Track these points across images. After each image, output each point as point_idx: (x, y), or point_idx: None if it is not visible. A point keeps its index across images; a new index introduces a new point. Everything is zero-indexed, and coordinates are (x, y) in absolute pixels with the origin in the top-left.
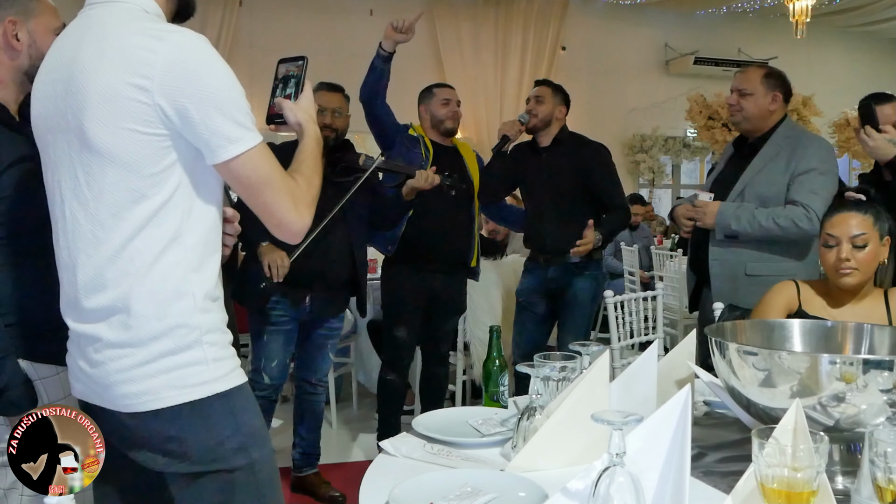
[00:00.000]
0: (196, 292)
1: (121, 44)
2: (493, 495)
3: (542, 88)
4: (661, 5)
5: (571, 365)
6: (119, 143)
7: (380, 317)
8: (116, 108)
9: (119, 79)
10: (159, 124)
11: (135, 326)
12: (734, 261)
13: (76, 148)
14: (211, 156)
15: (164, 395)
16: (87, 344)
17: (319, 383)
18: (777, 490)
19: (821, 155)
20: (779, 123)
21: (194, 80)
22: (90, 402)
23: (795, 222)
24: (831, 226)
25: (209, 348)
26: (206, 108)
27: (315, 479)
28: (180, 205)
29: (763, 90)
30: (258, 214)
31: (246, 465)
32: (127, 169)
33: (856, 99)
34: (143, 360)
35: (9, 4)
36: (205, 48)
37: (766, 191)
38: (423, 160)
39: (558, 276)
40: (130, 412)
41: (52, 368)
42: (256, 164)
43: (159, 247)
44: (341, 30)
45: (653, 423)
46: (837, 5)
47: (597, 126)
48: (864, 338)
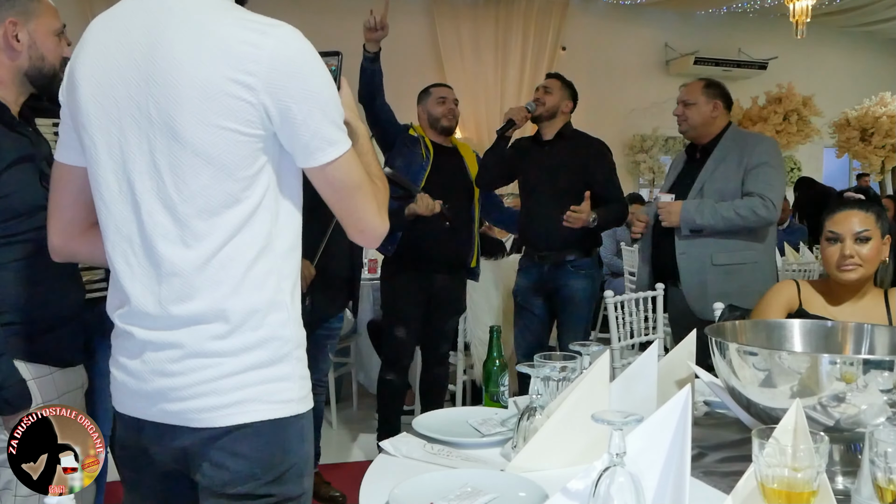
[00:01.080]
0: (289, 302)
1: (220, 36)
2: (493, 495)
3: (552, 80)
4: (661, 5)
5: (571, 365)
6: (216, 143)
7: (380, 317)
8: (216, 105)
9: (220, 74)
10: (259, 125)
11: (226, 336)
12: (700, 253)
13: (161, 146)
14: (307, 158)
15: (249, 410)
16: (162, 352)
17: (319, 383)
18: (777, 490)
19: (770, 150)
20: (724, 130)
21: (300, 78)
22: (145, 419)
23: (754, 210)
24: (833, 223)
25: (297, 364)
26: (311, 108)
27: (315, 479)
28: (269, 209)
29: (704, 99)
30: (342, 219)
31: (299, 495)
32: (223, 171)
33: (856, 99)
34: (231, 370)
35: (9, 5)
36: (307, 45)
37: (724, 186)
38: (423, 160)
39: (554, 274)
40: (203, 427)
41: (46, 368)
42: (350, 167)
43: (252, 254)
44: (341, 30)
45: (653, 423)
46: (837, 5)
47: (597, 126)
48: (865, 338)
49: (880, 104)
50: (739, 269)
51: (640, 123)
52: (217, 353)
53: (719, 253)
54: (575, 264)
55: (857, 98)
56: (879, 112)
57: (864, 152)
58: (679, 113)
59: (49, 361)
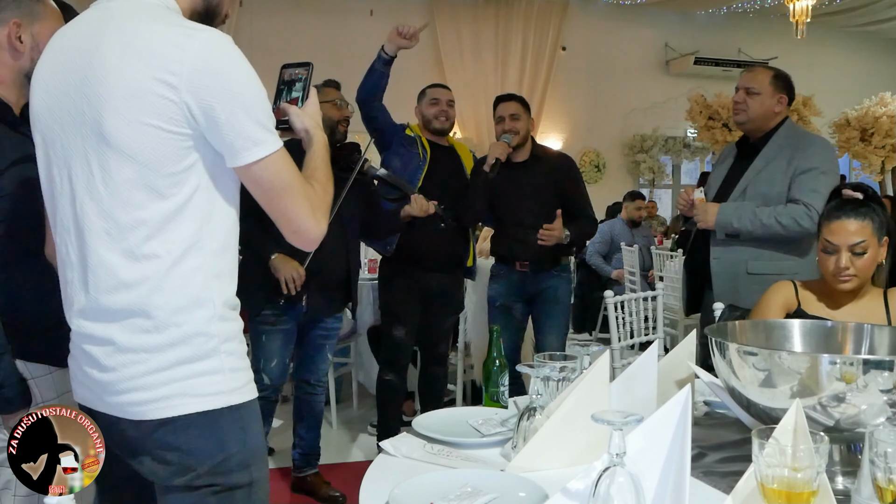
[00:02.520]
0: (216, 299)
1: (148, 38)
2: (494, 495)
3: (514, 105)
4: (661, 5)
5: (571, 365)
6: (140, 139)
7: (379, 320)
8: (140, 103)
9: (145, 74)
10: (183, 123)
11: (152, 331)
12: (735, 259)
13: (92, 142)
14: (233, 158)
15: (176, 403)
16: (96, 346)
17: (318, 383)
18: (777, 490)
19: (822, 154)
20: (779, 125)
21: (223, 79)
22: (93, 409)
23: (797, 220)
24: (830, 232)
25: (227, 358)
26: (233, 108)
27: (315, 479)
28: (199, 208)
29: (771, 91)
30: (275, 220)
31: (246, 484)
32: (146, 166)
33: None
34: (157, 366)
35: (14, 6)
36: (233, 48)
37: (768, 190)
38: (420, 160)
39: (535, 278)
40: (138, 419)
41: (44, 368)
42: (279, 168)
43: (179, 250)
44: (341, 30)
45: (653, 423)
46: (837, 5)
47: (597, 126)
48: (865, 338)
49: (880, 104)
50: (776, 280)
51: (640, 123)
52: (144, 348)
53: (755, 261)
54: (556, 268)
55: (857, 98)
56: (879, 112)
57: (865, 152)
58: (740, 100)
59: (48, 361)
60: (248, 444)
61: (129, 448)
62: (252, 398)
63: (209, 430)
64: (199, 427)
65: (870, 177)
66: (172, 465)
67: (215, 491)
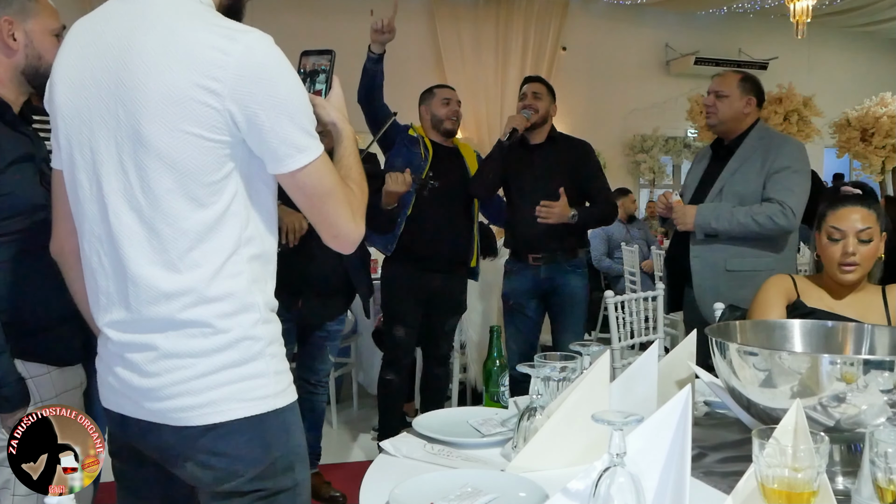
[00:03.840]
0: (259, 303)
1: (188, 41)
2: (494, 495)
3: (539, 85)
4: (661, 5)
5: (571, 365)
6: (180, 148)
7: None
8: (181, 110)
9: (187, 79)
10: (225, 131)
11: (198, 336)
12: (714, 258)
13: (128, 150)
14: (277, 165)
15: (223, 409)
16: (137, 353)
17: (319, 384)
18: (777, 490)
19: (794, 154)
20: (752, 127)
21: (267, 85)
22: (128, 415)
23: (772, 218)
24: (836, 219)
25: (271, 360)
26: (278, 115)
27: (315, 479)
28: (238, 214)
29: (739, 93)
30: (315, 224)
31: (291, 487)
32: (186, 175)
33: (856, 99)
34: (203, 371)
35: (6, 3)
36: (275, 51)
37: (744, 189)
38: (422, 160)
39: (551, 275)
40: (183, 426)
41: (43, 367)
42: (322, 173)
43: (221, 258)
44: (341, 30)
45: (653, 423)
46: (837, 5)
47: (597, 126)
48: (865, 338)
49: (881, 104)
50: (753, 276)
51: (640, 123)
52: (189, 353)
53: (733, 259)
54: (571, 264)
55: (858, 98)
56: (880, 112)
57: (865, 152)
58: (710, 104)
59: (47, 360)
60: (291, 446)
61: (170, 454)
62: (294, 400)
63: (256, 435)
64: (247, 432)
65: (870, 177)
66: (218, 471)
67: (261, 496)
